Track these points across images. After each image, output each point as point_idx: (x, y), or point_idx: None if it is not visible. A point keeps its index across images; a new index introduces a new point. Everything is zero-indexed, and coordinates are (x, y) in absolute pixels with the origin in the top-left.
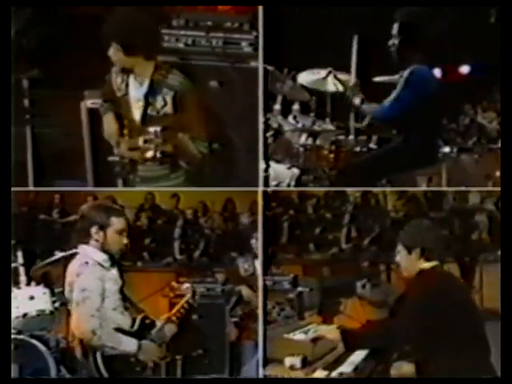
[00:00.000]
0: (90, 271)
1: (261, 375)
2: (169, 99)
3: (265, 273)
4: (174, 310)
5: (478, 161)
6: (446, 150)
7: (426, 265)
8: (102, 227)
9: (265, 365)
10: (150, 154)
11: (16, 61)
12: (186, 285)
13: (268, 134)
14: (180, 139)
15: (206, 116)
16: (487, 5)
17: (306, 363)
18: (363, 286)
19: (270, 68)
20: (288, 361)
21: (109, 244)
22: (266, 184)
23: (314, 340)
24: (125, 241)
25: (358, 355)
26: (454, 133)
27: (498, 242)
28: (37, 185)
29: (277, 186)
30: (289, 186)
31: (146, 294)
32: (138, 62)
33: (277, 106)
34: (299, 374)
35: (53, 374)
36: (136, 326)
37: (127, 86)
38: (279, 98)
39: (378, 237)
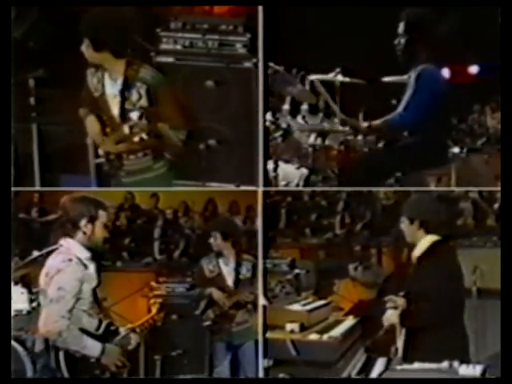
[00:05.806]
0: (71, 270)
1: (261, 372)
2: (143, 92)
3: (264, 282)
4: (138, 323)
5: (487, 161)
6: (456, 150)
7: (428, 238)
8: (92, 219)
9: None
10: (136, 138)
11: (22, 61)
12: (153, 301)
13: (277, 134)
14: (160, 128)
15: (181, 106)
16: (489, 5)
17: (303, 328)
18: (355, 268)
19: (279, 68)
20: (289, 326)
21: (96, 237)
22: (266, 184)
23: (310, 311)
24: (107, 235)
25: (346, 324)
26: (463, 133)
27: (481, 227)
28: (43, 178)
29: (286, 185)
30: (297, 185)
31: (125, 293)
32: (107, 58)
33: (285, 106)
34: (297, 337)
35: (29, 374)
36: (101, 331)
37: (103, 85)
38: (288, 98)
39: (370, 222)
